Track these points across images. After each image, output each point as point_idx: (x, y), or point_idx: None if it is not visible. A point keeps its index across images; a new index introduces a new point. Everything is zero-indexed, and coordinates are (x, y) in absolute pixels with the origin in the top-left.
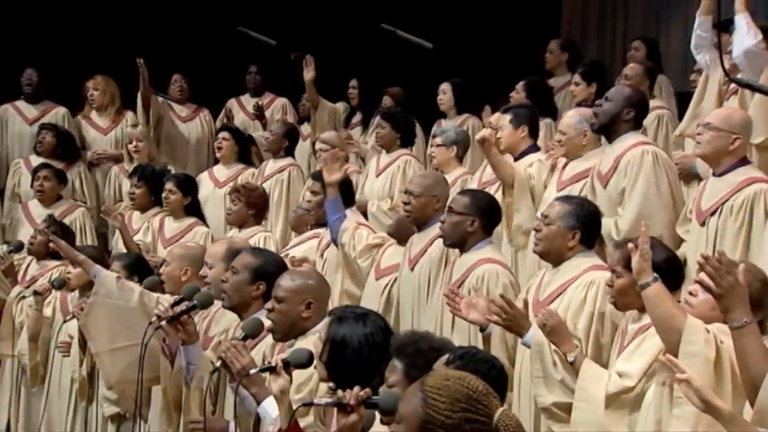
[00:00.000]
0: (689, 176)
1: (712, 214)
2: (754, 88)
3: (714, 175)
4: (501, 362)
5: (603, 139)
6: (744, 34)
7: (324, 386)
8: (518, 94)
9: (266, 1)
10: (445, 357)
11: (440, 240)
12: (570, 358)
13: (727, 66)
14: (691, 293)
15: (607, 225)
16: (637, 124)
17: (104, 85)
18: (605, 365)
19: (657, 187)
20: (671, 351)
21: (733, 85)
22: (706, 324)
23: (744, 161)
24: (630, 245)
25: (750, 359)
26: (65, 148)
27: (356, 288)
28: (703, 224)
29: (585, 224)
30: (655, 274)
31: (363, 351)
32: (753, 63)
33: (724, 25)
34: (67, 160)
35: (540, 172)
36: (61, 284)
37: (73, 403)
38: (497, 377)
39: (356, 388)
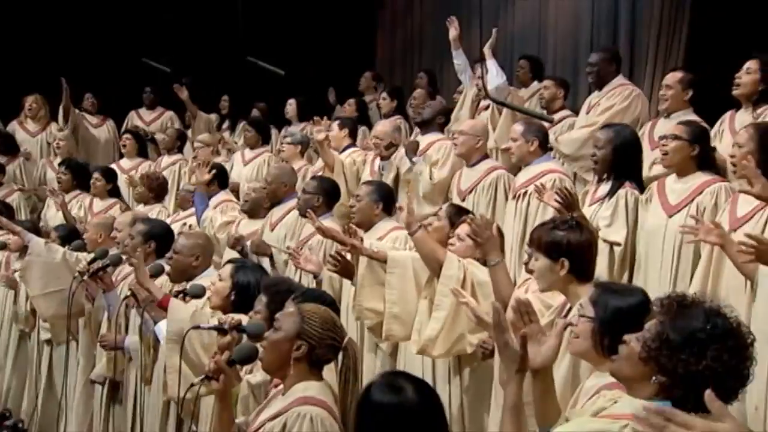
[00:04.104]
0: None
1: (470, 192)
2: (507, 106)
3: (467, 166)
4: (331, 298)
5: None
6: (494, 75)
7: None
8: (350, 107)
9: (164, 37)
10: (265, 298)
11: (295, 211)
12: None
13: (473, 93)
14: (451, 244)
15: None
16: (442, 128)
17: (41, 102)
18: None
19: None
20: (435, 275)
21: (484, 103)
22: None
23: (486, 156)
24: (400, 206)
25: (501, 286)
26: (6, 146)
27: (218, 257)
28: (463, 200)
29: (385, 197)
30: (419, 224)
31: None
32: (500, 94)
33: (480, 61)
34: (8, 155)
35: (358, 161)
36: (2, 246)
37: (15, 333)
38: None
39: (229, 317)
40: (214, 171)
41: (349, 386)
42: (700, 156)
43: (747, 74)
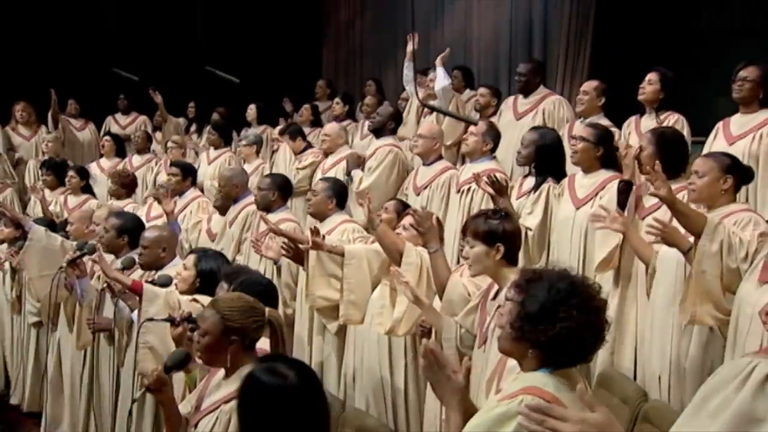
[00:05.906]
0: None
1: (425, 188)
2: (436, 110)
3: (424, 164)
4: (267, 280)
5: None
6: (442, 78)
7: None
8: (307, 111)
9: (131, 49)
10: (226, 285)
11: (248, 208)
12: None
13: (422, 95)
14: (398, 233)
15: (358, 178)
16: (394, 132)
17: (29, 109)
18: None
19: (387, 174)
20: (396, 263)
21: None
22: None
23: (440, 157)
24: (361, 199)
25: (440, 270)
26: None
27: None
28: (418, 194)
29: (337, 193)
30: (379, 220)
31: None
32: (446, 96)
33: (424, 72)
34: None
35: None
36: None
37: (6, 317)
38: (266, 291)
39: (181, 310)
40: (176, 198)
41: (280, 350)
42: (603, 156)
43: (649, 84)
